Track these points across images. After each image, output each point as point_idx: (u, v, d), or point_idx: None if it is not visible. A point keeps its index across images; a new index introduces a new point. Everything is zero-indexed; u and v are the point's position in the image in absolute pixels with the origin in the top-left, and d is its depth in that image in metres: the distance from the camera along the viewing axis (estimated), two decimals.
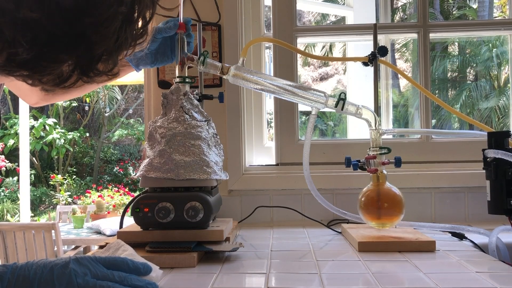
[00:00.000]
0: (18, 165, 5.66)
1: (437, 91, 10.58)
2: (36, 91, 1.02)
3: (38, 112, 9.07)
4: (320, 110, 1.08)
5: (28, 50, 0.48)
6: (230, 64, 1.04)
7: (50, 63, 0.51)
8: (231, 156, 1.37)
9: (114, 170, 10.35)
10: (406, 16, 11.96)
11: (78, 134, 9.61)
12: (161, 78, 1.40)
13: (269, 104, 1.58)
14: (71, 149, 9.64)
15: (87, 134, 10.27)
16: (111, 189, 6.11)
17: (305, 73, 12.59)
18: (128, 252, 0.73)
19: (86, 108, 10.95)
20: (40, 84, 0.54)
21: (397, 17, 11.89)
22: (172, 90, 0.98)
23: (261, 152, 1.50)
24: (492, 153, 1.08)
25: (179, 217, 0.88)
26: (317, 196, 1.14)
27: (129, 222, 1.03)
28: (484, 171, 1.14)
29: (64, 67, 0.52)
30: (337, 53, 11.39)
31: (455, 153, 1.39)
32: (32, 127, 8.34)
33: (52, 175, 9.01)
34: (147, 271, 0.65)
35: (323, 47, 11.84)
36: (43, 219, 8.10)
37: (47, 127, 8.70)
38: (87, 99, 10.21)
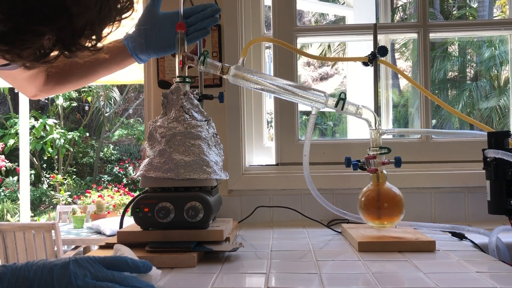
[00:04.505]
0: (18, 165, 5.66)
1: (437, 91, 10.58)
2: (34, 82, 0.99)
3: (38, 113, 9.08)
4: (320, 110, 1.08)
5: (4, 21, 0.47)
6: (230, 64, 1.04)
7: (28, 36, 0.49)
8: (231, 156, 1.37)
9: (114, 170, 10.35)
10: (406, 16, 11.97)
11: (78, 134, 9.61)
12: (161, 78, 1.40)
13: (269, 104, 1.58)
14: (71, 149, 9.65)
15: (87, 134, 10.27)
16: (111, 189, 6.11)
17: (305, 73, 12.59)
18: (125, 255, 0.73)
19: (86, 108, 10.95)
20: (19, 59, 0.52)
21: (397, 17, 11.90)
22: (172, 90, 0.98)
23: (261, 152, 1.50)
24: (492, 153, 1.08)
25: (179, 217, 0.88)
26: (317, 196, 1.14)
27: (129, 222, 1.03)
28: (484, 171, 1.14)
29: (44, 40, 0.50)
30: (333, 53, 11.42)
31: (455, 153, 1.39)
32: (32, 127, 8.34)
33: (52, 175, 9.01)
34: (147, 268, 0.65)
35: (320, 45, 11.84)
36: (43, 219, 8.11)
37: (47, 127, 8.71)
38: (89, 99, 10.21)
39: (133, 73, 4.23)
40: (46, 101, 9.71)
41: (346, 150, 1.38)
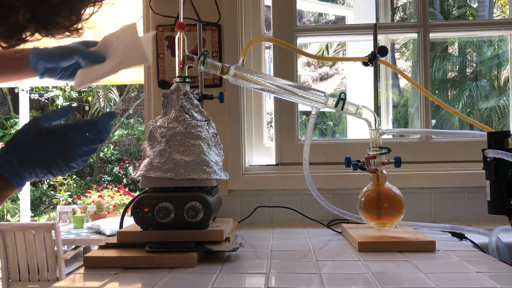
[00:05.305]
0: None
1: (437, 91, 10.58)
2: None
3: (39, 113, 9.07)
4: (320, 110, 1.08)
5: None
6: (230, 64, 1.04)
7: (1, 10, 0.48)
8: (231, 156, 1.37)
9: (114, 170, 10.35)
10: (406, 16, 11.97)
11: None
12: (161, 78, 1.40)
13: (269, 104, 1.58)
14: None
15: None
16: (111, 189, 6.11)
17: (305, 73, 12.59)
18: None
19: (87, 108, 10.95)
20: None
21: (397, 17, 11.90)
22: (172, 90, 0.98)
23: (261, 152, 1.50)
24: (492, 153, 1.08)
25: (179, 217, 0.88)
26: (317, 196, 1.14)
27: (129, 222, 1.03)
28: (484, 171, 1.14)
29: (19, 16, 0.49)
30: (332, 53, 11.42)
31: (455, 153, 1.39)
32: None
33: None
34: (99, 59, 0.68)
35: (320, 46, 11.84)
36: (43, 219, 8.10)
37: None
38: (89, 99, 10.20)
39: (133, 73, 4.23)
40: (46, 101, 9.70)
41: (346, 150, 1.38)
